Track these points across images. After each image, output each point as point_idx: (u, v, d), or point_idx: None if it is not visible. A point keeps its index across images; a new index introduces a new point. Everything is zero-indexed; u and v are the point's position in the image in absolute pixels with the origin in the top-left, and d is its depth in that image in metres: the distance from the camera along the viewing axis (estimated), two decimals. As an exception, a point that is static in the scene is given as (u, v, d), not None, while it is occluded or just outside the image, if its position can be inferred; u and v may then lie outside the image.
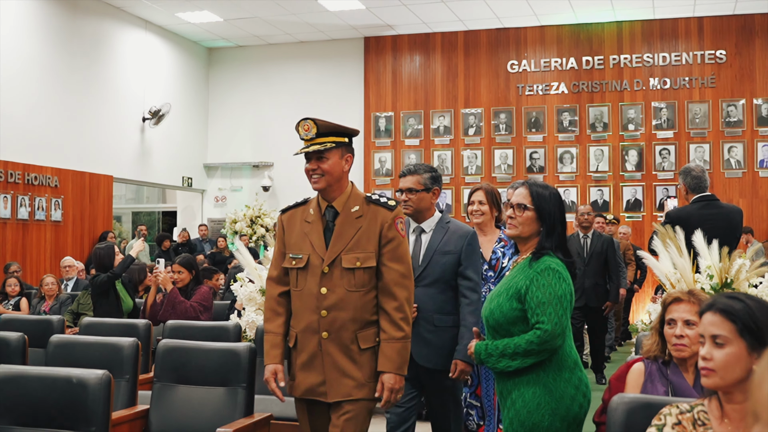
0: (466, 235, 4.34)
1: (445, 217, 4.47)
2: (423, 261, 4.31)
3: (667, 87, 13.76)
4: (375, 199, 3.57)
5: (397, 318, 3.43)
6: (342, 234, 3.51)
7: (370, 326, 3.49)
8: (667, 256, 5.03)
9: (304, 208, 3.66)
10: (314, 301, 3.50)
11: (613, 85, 14.00)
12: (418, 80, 14.97)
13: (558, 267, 3.20)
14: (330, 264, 3.49)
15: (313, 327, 3.50)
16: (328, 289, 3.48)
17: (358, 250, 3.48)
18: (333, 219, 3.55)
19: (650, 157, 13.72)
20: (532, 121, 14.28)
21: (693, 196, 6.08)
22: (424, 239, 4.38)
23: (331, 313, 3.47)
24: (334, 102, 15.18)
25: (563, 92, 14.22)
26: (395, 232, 3.50)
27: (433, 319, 4.25)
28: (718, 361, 2.26)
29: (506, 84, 14.49)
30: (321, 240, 3.53)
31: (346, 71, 15.31)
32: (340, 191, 3.56)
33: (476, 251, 4.36)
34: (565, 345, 3.20)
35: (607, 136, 13.93)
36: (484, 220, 5.01)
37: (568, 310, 3.16)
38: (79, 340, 4.76)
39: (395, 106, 15.02)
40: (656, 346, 3.44)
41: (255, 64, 15.83)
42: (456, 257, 4.29)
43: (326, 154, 3.50)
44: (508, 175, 14.19)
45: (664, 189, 13.54)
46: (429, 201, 4.41)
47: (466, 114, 14.62)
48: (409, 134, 14.88)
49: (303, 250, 3.56)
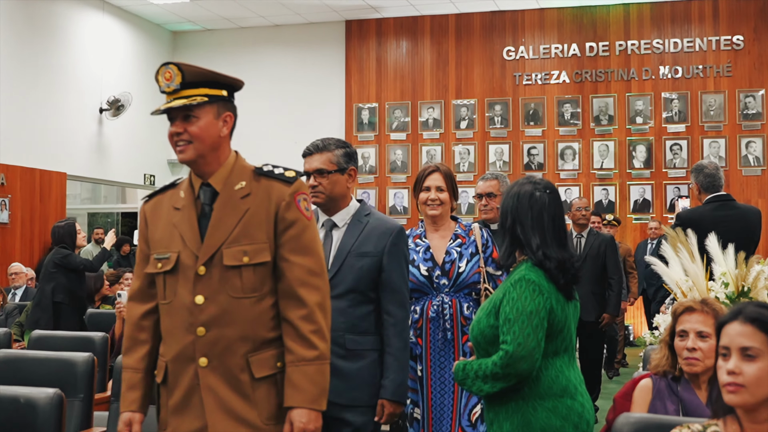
0: (390, 232, 3.72)
1: (365, 207, 3.85)
2: (333, 265, 3.65)
3: (679, 76, 13.82)
4: (267, 170, 2.97)
5: (307, 331, 2.79)
6: (222, 221, 2.88)
7: (267, 346, 2.85)
8: (677, 261, 5.04)
9: (173, 193, 3.04)
10: (187, 315, 2.83)
11: (619, 73, 14.04)
12: (404, 68, 14.98)
13: (534, 276, 3.12)
14: (207, 262, 2.84)
15: (188, 352, 2.83)
16: (206, 298, 2.83)
17: (245, 240, 2.84)
18: (210, 202, 2.92)
19: (660, 153, 13.77)
20: (531, 114, 14.31)
21: (706, 196, 6.10)
22: (336, 236, 3.75)
23: (211, 331, 2.81)
24: (312, 92, 15.18)
25: (564, 82, 14.25)
26: (297, 213, 2.89)
27: (344, 340, 3.59)
28: (749, 376, 2.24)
29: (502, 73, 14.51)
30: (194, 231, 2.89)
31: (325, 58, 15.30)
32: (217, 164, 2.94)
33: (403, 253, 3.76)
34: (552, 368, 3.13)
35: (612, 130, 13.97)
36: (442, 212, 4.47)
37: (539, 329, 3.05)
38: (27, 356, 4.73)
39: (380, 97, 15.02)
40: (666, 361, 3.45)
41: (225, 49, 15.79)
42: (376, 261, 3.67)
43: (195, 112, 2.89)
44: (503, 173, 14.16)
45: (675, 188, 13.58)
46: (344, 185, 3.77)
47: (458, 105, 14.64)
48: (395, 127, 14.89)
49: (171, 247, 2.90)
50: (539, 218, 3.22)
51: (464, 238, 4.45)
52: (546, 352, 3.09)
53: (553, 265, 3.14)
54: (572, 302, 3.21)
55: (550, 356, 3.13)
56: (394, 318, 3.64)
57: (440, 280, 4.36)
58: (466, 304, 4.35)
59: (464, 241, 4.44)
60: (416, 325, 4.35)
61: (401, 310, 3.66)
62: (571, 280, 3.19)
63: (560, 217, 3.28)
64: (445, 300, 4.32)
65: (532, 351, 3.02)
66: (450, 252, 4.40)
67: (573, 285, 3.21)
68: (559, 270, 3.15)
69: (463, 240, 4.44)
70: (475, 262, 4.39)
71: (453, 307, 4.33)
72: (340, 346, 3.55)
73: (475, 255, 4.41)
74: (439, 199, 4.44)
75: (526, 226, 3.20)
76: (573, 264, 3.19)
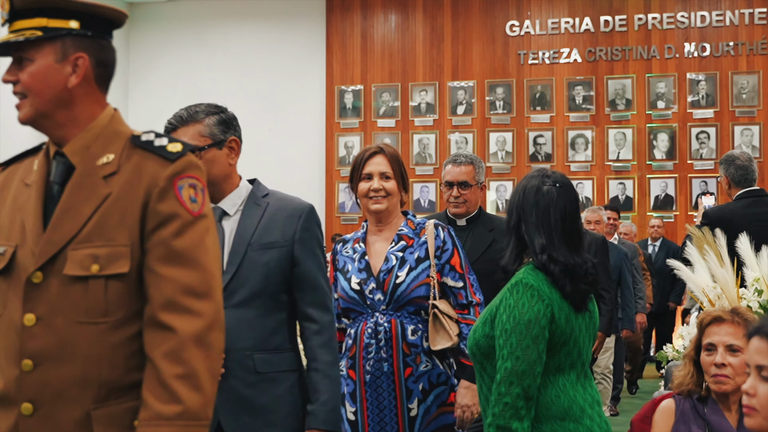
0: (299, 214, 3.22)
1: (261, 187, 3.31)
2: (229, 265, 3.13)
3: (707, 54, 13.83)
4: (146, 140, 2.35)
5: (170, 375, 2.18)
6: (72, 209, 2.29)
7: (121, 396, 2.26)
8: (704, 266, 5.04)
9: (30, 162, 2.46)
10: (15, 339, 2.26)
11: (638, 51, 14.06)
12: (393, 45, 14.97)
13: (533, 280, 3.10)
14: (44, 267, 2.26)
15: (9, 392, 2.26)
16: (38, 318, 2.25)
17: (98, 240, 2.25)
18: (62, 180, 2.34)
19: (685, 143, 13.79)
20: (537, 97, 14.33)
21: (737, 191, 6.11)
22: (228, 228, 3.21)
23: (41, 367, 2.23)
24: (289, 72, 15.15)
25: (576, 61, 14.27)
26: (175, 205, 2.28)
27: (253, 362, 3.11)
28: (763, 399, 2.24)
29: (504, 51, 14.52)
30: (37, 219, 2.32)
31: (303, 34, 15.28)
32: (75, 126, 2.35)
33: (317, 239, 3.27)
34: (553, 387, 3.10)
35: (630, 116, 14.00)
36: (388, 207, 4.00)
37: (540, 339, 3.02)
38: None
39: (365, 78, 15.01)
40: (690, 378, 3.45)
41: (189, 23, 15.75)
42: (286, 252, 3.16)
43: (28, 53, 2.32)
44: (506, 165, 14.22)
45: (702, 182, 13.61)
46: (225, 163, 3.22)
47: (454, 88, 14.64)
48: (383, 113, 14.89)
49: (11, 238, 2.34)
50: (545, 216, 3.18)
51: (411, 239, 3.97)
52: (547, 368, 3.07)
53: (557, 269, 3.10)
54: (585, 313, 3.19)
55: (551, 373, 3.10)
56: (318, 324, 3.15)
57: (374, 295, 3.90)
58: (410, 327, 3.90)
59: (410, 243, 3.96)
60: (348, 353, 3.93)
61: (325, 314, 3.18)
62: (583, 288, 3.15)
63: (572, 215, 3.23)
64: (380, 321, 3.87)
65: (533, 364, 3.00)
66: (389, 258, 3.94)
67: (587, 294, 3.18)
68: (566, 275, 3.11)
69: (409, 242, 3.97)
70: (422, 271, 3.93)
71: (392, 330, 3.88)
72: (248, 370, 3.09)
73: (424, 261, 3.94)
74: (385, 190, 3.95)
75: (530, 224, 3.19)
76: (587, 270, 3.16)
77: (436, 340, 3.87)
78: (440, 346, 3.87)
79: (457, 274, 3.99)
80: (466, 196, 4.92)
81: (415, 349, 3.88)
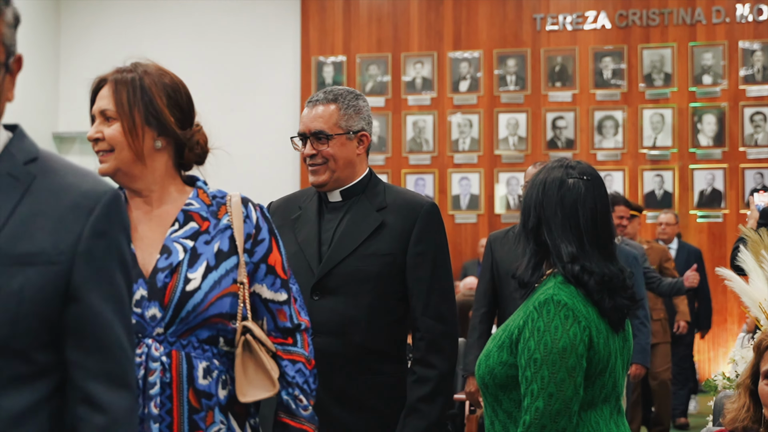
0: (92, 203, 2.08)
1: (26, 142, 2.22)
2: None
3: (763, 18, 13.87)
4: None
5: None
6: None
7: None
8: (761, 275, 5.06)
9: None
10: None
11: (680, 15, 14.09)
12: (383, 9, 14.98)
13: (567, 297, 3.09)
14: None
15: None
16: None
17: None
18: None
19: (736, 126, 13.83)
20: (557, 71, 14.36)
21: (801, 184, 6.14)
22: None
23: None
24: (258, 41, 15.13)
25: (604, 27, 14.30)
26: None
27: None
28: None
29: (517, 14, 14.54)
30: None
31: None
32: None
33: (118, 251, 2.20)
34: (584, 425, 3.10)
35: (670, 93, 14.03)
36: (117, 165, 3.00)
37: (578, 370, 3.02)
38: None
39: (348, 48, 15.02)
40: (746, 413, 3.47)
41: (132, -19, 15.75)
42: (55, 274, 2.11)
43: None
44: (519, 153, 14.21)
45: (757, 174, 13.64)
46: None
47: (457, 60, 14.67)
48: (370, 90, 14.89)
49: None
50: (572, 216, 3.17)
51: (205, 220, 3.00)
52: None
53: (593, 282, 3.10)
54: (620, 334, 3.19)
55: (582, 409, 3.10)
56: (105, 415, 2.09)
57: (145, 309, 2.87)
58: (203, 365, 2.91)
59: (205, 226, 2.99)
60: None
61: (120, 395, 2.13)
62: (622, 303, 3.15)
63: (603, 215, 3.21)
64: (154, 353, 2.86)
65: (569, 402, 2.99)
66: (171, 249, 2.93)
67: (627, 310, 3.18)
68: (603, 288, 3.11)
69: (204, 224, 2.99)
70: (226, 273, 2.94)
71: (173, 369, 2.87)
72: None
73: (228, 257, 2.96)
74: (106, 141, 3.03)
75: (554, 226, 3.17)
76: (624, 281, 3.16)
77: (247, 389, 2.92)
78: (253, 398, 2.94)
79: (278, 281, 3.07)
80: (327, 153, 4.03)
81: (208, 402, 2.90)
